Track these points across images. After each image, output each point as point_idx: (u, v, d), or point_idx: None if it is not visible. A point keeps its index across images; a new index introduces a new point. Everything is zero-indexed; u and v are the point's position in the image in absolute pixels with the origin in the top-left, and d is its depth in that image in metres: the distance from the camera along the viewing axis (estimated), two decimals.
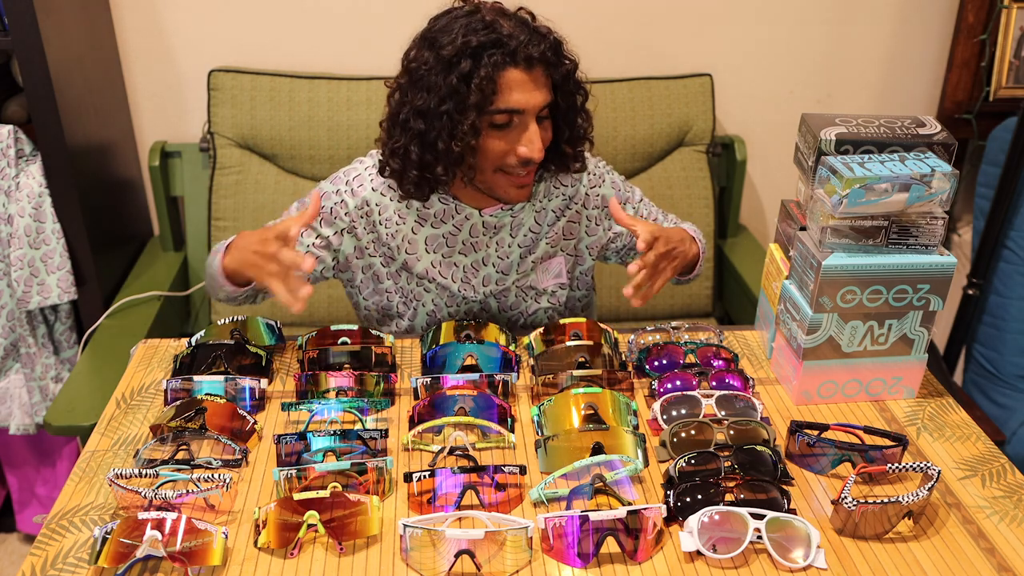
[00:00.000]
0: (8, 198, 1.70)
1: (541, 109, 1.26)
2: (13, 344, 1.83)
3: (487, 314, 1.47)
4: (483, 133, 1.25)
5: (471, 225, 1.39)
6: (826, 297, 1.17)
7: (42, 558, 0.96)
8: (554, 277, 1.47)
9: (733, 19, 2.11)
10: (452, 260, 1.41)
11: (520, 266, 1.43)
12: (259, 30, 2.01)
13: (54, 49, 1.64)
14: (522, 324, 1.49)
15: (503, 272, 1.43)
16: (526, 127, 1.25)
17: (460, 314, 1.46)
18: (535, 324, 1.49)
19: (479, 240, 1.41)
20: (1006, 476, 1.12)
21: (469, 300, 1.44)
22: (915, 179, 1.11)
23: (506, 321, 1.49)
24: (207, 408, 1.13)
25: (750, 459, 1.07)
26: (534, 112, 1.25)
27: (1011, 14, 2.06)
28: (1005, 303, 1.99)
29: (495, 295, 1.45)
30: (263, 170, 1.98)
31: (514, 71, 1.22)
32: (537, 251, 1.43)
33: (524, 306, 1.47)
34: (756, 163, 2.24)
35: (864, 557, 0.98)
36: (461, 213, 1.38)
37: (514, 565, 0.95)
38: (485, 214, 1.38)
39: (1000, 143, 1.96)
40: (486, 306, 1.46)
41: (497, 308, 1.47)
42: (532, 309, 1.48)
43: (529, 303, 1.47)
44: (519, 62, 1.22)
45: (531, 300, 1.47)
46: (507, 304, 1.47)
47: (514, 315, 1.48)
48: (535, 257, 1.43)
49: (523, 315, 1.48)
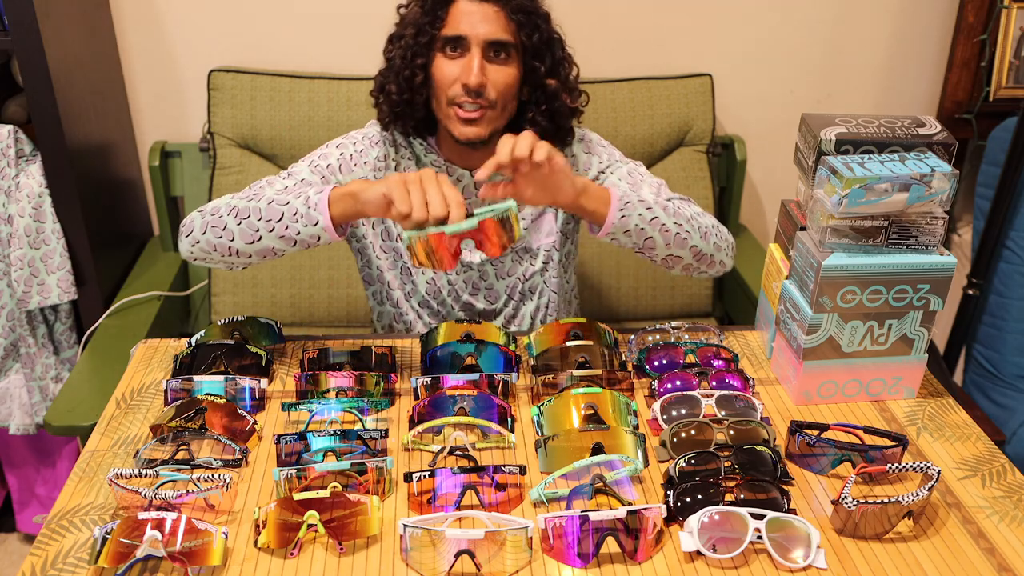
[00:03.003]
0: (8, 198, 1.71)
1: (493, 43, 1.32)
2: (13, 344, 1.83)
3: (485, 283, 1.48)
4: (435, 59, 1.34)
5: (463, 187, 1.44)
6: (826, 297, 1.17)
7: (42, 558, 0.96)
8: (546, 235, 1.49)
9: (733, 19, 2.11)
10: None
11: None
12: (259, 30, 2.01)
13: (54, 49, 1.64)
14: (520, 291, 1.51)
15: None
16: (471, 58, 1.31)
17: (459, 283, 1.48)
18: (533, 288, 1.51)
19: (472, 202, 1.44)
20: (1006, 476, 1.12)
21: (467, 267, 1.47)
22: (915, 179, 1.11)
23: (505, 289, 1.50)
24: (207, 408, 1.13)
25: (750, 459, 1.07)
26: (479, 43, 1.31)
27: (1011, 14, 2.06)
28: (1005, 303, 1.99)
29: (492, 261, 1.48)
30: (263, 170, 1.98)
31: (464, 1, 1.32)
32: (527, 208, 1.46)
33: (521, 270, 1.49)
34: (756, 163, 2.24)
35: (864, 557, 0.98)
36: (453, 175, 1.43)
37: (514, 565, 0.95)
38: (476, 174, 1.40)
39: (1000, 143, 1.96)
40: (484, 274, 1.48)
41: (495, 275, 1.49)
42: (529, 273, 1.50)
43: (525, 266, 1.49)
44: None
45: (527, 263, 1.49)
46: (504, 270, 1.49)
47: (512, 282, 1.50)
48: (525, 214, 1.47)
49: (521, 280, 1.50)
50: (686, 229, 1.32)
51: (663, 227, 1.30)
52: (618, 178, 1.44)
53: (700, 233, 1.34)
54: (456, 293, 1.49)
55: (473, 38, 1.31)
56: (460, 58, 1.32)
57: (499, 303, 1.52)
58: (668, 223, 1.31)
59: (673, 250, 1.33)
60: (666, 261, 1.35)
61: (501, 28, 1.32)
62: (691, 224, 1.33)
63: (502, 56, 1.34)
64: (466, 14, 1.31)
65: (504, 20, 1.32)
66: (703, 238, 1.35)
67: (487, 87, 1.32)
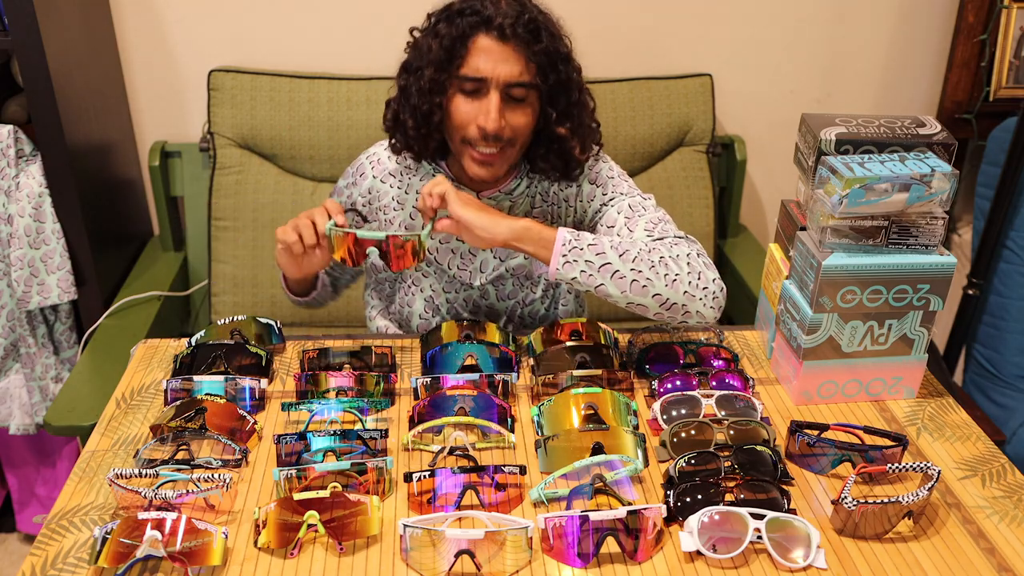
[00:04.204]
0: (8, 198, 1.70)
1: (512, 85, 1.26)
2: (13, 344, 1.83)
3: (486, 302, 1.48)
4: (452, 96, 1.28)
5: None
6: (826, 297, 1.17)
7: (42, 558, 0.96)
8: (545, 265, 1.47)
9: (733, 19, 2.11)
10: (450, 246, 1.43)
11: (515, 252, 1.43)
12: (259, 30, 2.01)
13: (54, 49, 1.64)
14: (520, 315, 1.49)
15: (500, 258, 1.43)
16: (489, 102, 1.26)
17: (459, 302, 1.47)
18: (533, 314, 1.50)
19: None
20: (1006, 476, 1.12)
21: (467, 287, 1.45)
22: (915, 179, 1.11)
23: (505, 310, 1.49)
24: (207, 408, 1.13)
25: (750, 459, 1.07)
26: (499, 84, 1.25)
27: (1011, 14, 2.06)
28: (1005, 303, 1.99)
29: (492, 282, 1.45)
30: (263, 170, 1.98)
31: (485, 38, 1.25)
32: None
33: (521, 295, 1.48)
34: (756, 163, 2.24)
35: (864, 557, 0.98)
36: None
37: (514, 565, 0.95)
38: (483, 197, 1.38)
39: (1000, 143, 1.96)
40: (485, 294, 1.47)
41: (496, 296, 1.47)
42: (529, 299, 1.48)
43: (526, 292, 1.47)
44: (492, 30, 1.24)
45: (527, 289, 1.47)
46: (505, 293, 1.47)
47: (512, 304, 1.48)
48: None
49: (520, 304, 1.48)
50: (647, 277, 1.24)
51: (616, 274, 1.23)
52: (617, 211, 1.38)
53: (666, 281, 1.24)
54: (456, 311, 1.48)
55: (493, 80, 1.25)
56: (478, 99, 1.27)
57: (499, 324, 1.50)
58: (623, 270, 1.23)
59: (632, 298, 1.25)
60: (630, 308, 1.27)
61: (521, 69, 1.26)
62: (655, 271, 1.24)
63: (520, 97, 1.28)
64: (486, 52, 1.25)
65: (524, 61, 1.26)
66: (670, 287, 1.24)
67: (505, 129, 1.28)
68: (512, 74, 1.25)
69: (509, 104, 1.27)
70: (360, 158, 1.50)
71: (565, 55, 1.31)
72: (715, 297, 1.28)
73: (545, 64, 1.27)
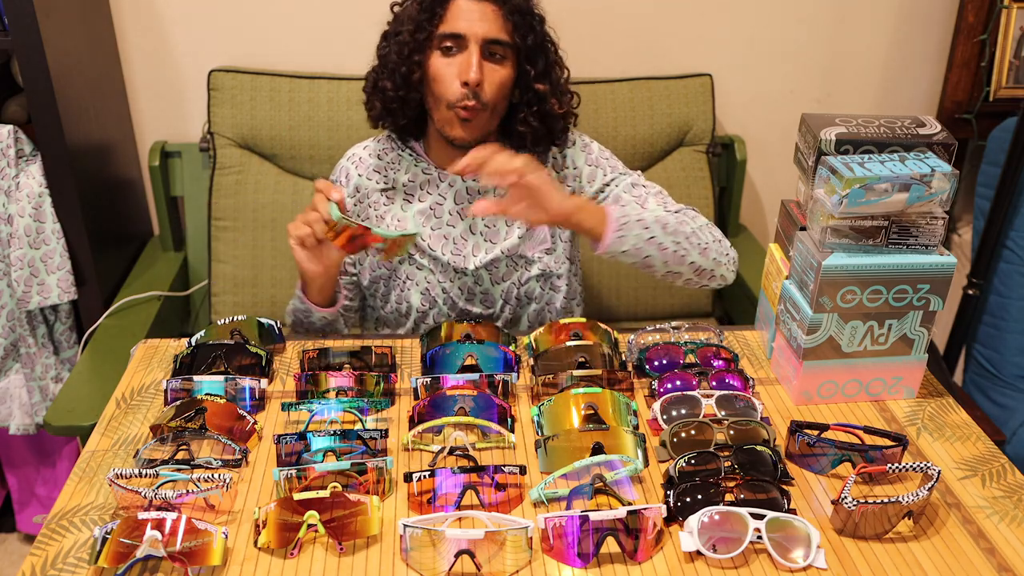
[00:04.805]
0: (8, 198, 1.71)
1: (491, 42, 1.32)
2: (13, 344, 1.83)
3: (480, 288, 1.48)
4: (431, 56, 1.34)
5: (455, 192, 1.45)
6: (826, 297, 1.17)
7: (42, 558, 0.96)
8: (540, 243, 1.49)
9: (733, 19, 2.11)
10: (442, 232, 1.45)
11: (507, 233, 1.46)
12: (259, 30, 2.01)
13: (54, 49, 1.64)
14: (516, 296, 1.50)
15: (491, 241, 1.46)
16: (469, 55, 1.31)
17: (454, 290, 1.47)
18: (529, 293, 1.51)
19: (465, 207, 1.45)
20: (1006, 476, 1.12)
21: (461, 273, 1.47)
22: (915, 179, 1.11)
23: (501, 293, 1.50)
24: (207, 408, 1.13)
25: (750, 459, 1.07)
26: (477, 41, 1.31)
27: (1011, 14, 2.06)
28: (1005, 303, 1.99)
29: (486, 266, 1.47)
30: (263, 170, 1.98)
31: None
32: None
33: (516, 275, 1.49)
34: (756, 163, 2.24)
35: (864, 557, 0.98)
36: (444, 181, 1.45)
37: (514, 565, 0.95)
38: (467, 179, 1.40)
39: (1000, 143, 1.96)
40: (479, 279, 1.48)
41: (490, 280, 1.49)
42: (524, 278, 1.49)
43: (520, 272, 1.49)
44: None
45: (522, 269, 1.49)
46: (499, 276, 1.48)
47: (507, 287, 1.49)
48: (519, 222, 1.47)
49: (516, 285, 1.50)
50: (684, 247, 1.35)
51: (660, 246, 1.32)
52: (623, 191, 1.45)
53: (699, 249, 1.36)
54: (452, 301, 1.49)
55: (471, 36, 1.31)
56: (457, 56, 1.33)
57: (496, 307, 1.51)
58: (666, 242, 1.33)
59: (672, 267, 1.35)
60: (666, 277, 1.38)
61: (499, 28, 1.33)
62: (690, 241, 1.35)
63: (498, 56, 1.34)
64: (465, 11, 1.32)
65: (502, 20, 1.33)
66: (702, 254, 1.37)
67: (483, 86, 1.32)
68: (490, 31, 1.32)
69: (488, 62, 1.34)
70: (341, 162, 1.53)
71: (540, 17, 1.38)
72: (734, 260, 1.44)
73: (521, 24, 1.34)
